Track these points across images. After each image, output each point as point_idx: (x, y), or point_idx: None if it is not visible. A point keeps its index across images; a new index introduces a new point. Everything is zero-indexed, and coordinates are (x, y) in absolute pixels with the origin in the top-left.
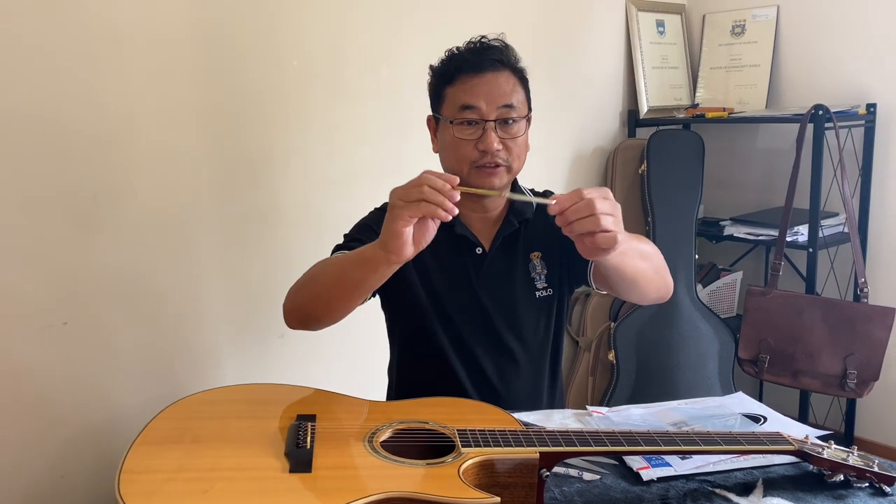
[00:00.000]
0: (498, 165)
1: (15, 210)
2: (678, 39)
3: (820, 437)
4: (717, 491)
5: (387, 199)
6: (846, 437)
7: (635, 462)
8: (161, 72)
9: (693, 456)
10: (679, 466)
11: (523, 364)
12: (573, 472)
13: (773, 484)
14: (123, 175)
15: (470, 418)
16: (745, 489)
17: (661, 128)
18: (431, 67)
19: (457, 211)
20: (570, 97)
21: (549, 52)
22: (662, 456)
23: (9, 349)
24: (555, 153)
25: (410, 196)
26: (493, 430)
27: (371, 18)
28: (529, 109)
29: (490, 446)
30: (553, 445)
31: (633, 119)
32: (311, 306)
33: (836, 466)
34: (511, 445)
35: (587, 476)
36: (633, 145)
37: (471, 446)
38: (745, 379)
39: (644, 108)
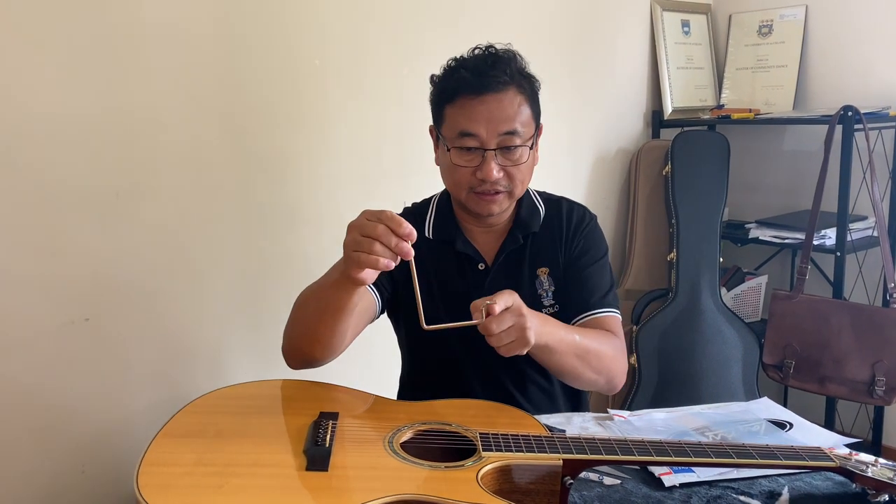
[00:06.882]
0: (498, 192)
1: (39, 206)
2: (703, 40)
3: (847, 445)
4: (742, 498)
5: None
6: (873, 446)
7: (657, 467)
8: (183, 71)
9: None
10: (702, 472)
11: (538, 378)
12: (594, 476)
13: (800, 493)
14: (145, 173)
15: (494, 421)
16: (770, 497)
17: (685, 129)
18: (433, 78)
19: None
20: (593, 97)
21: (572, 52)
22: None
23: (32, 344)
24: (578, 154)
25: (361, 246)
26: (517, 435)
27: (392, 17)
28: (538, 124)
29: (512, 451)
30: (578, 453)
31: (657, 120)
32: (302, 344)
33: (882, 486)
34: (534, 451)
35: (608, 480)
36: (657, 146)
37: (492, 450)
38: (769, 384)
39: (668, 109)
